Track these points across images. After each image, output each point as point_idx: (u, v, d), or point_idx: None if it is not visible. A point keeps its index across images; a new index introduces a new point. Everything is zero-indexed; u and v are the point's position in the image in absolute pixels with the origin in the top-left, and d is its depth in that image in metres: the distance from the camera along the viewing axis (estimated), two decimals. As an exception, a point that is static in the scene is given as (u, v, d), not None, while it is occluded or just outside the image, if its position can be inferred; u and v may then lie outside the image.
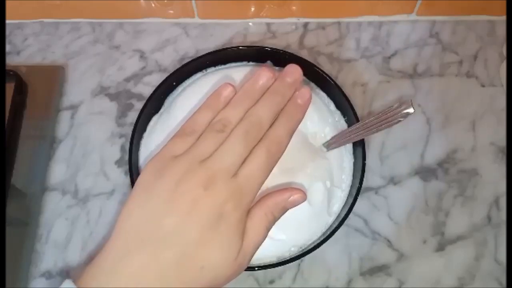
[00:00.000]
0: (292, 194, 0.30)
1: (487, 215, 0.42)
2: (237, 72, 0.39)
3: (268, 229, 0.29)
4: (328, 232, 0.35)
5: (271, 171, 0.29)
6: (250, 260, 0.29)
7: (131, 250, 0.26)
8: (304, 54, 0.47)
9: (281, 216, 0.30)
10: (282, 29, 0.50)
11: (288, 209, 0.31)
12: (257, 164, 0.28)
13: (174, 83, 0.41)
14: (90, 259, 0.41)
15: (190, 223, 0.26)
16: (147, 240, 0.26)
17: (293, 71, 0.32)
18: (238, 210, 0.27)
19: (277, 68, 0.41)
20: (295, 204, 0.30)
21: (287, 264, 0.34)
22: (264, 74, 0.32)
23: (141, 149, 0.40)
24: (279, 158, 0.30)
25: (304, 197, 0.31)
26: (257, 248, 0.29)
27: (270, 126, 0.30)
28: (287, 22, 0.50)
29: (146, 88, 0.47)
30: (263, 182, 0.29)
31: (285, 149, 0.30)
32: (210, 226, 0.26)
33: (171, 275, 0.26)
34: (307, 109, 0.32)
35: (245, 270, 0.35)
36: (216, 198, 0.27)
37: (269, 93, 0.31)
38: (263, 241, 0.29)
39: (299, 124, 0.32)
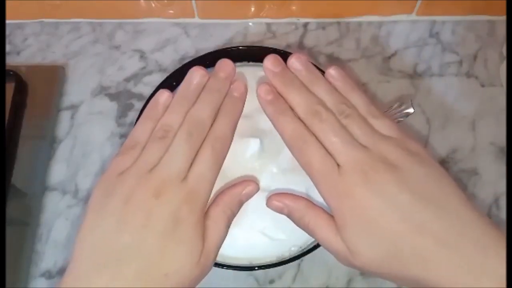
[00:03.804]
0: (245, 187, 0.31)
1: (487, 214, 0.42)
2: (237, 72, 0.39)
3: (228, 226, 0.30)
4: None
5: (220, 167, 0.30)
6: (214, 259, 0.29)
7: (91, 274, 0.26)
8: (304, 54, 0.47)
9: (238, 210, 0.31)
10: (282, 29, 0.50)
11: (244, 202, 0.31)
12: (204, 164, 0.29)
13: (174, 83, 0.41)
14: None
15: (147, 235, 0.26)
16: (106, 261, 0.26)
17: (225, 66, 0.33)
18: (194, 213, 0.27)
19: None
20: (249, 196, 0.31)
21: (287, 264, 0.34)
22: (197, 73, 0.32)
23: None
24: (226, 153, 0.30)
25: (257, 188, 0.31)
26: (220, 246, 0.29)
27: (212, 123, 0.30)
28: (287, 22, 0.50)
29: (146, 88, 0.47)
30: (214, 180, 0.29)
31: (230, 143, 0.31)
32: (168, 233, 0.26)
33: None
34: (244, 100, 0.33)
35: (245, 270, 0.35)
36: (169, 205, 0.27)
37: (205, 91, 0.32)
38: (224, 238, 0.29)
39: (239, 116, 0.32)
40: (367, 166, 0.27)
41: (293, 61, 0.32)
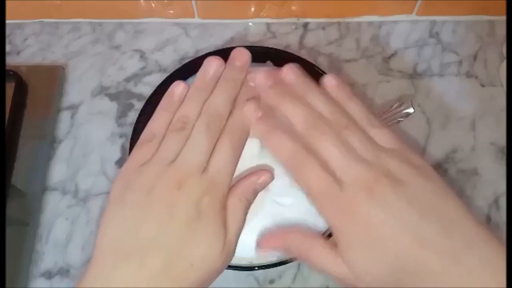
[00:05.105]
0: (259, 176, 0.31)
1: (487, 215, 0.42)
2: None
3: (245, 214, 0.30)
4: (328, 232, 0.35)
5: (239, 157, 0.30)
6: (235, 248, 0.29)
7: (116, 264, 0.26)
8: (304, 54, 0.47)
9: (253, 199, 0.30)
10: (282, 29, 0.50)
11: (258, 192, 0.31)
12: (223, 156, 0.29)
13: (174, 83, 0.41)
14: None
15: (170, 226, 0.26)
16: (131, 252, 0.26)
17: (241, 54, 0.33)
18: (216, 203, 0.28)
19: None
20: (264, 185, 0.31)
21: (287, 264, 0.34)
22: (213, 63, 0.32)
23: (141, 149, 0.40)
24: (244, 143, 0.30)
25: (271, 177, 0.31)
26: (239, 235, 0.29)
27: (230, 113, 0.30)
28: (287, 22, 0.50)
29: (146, 88, 0.47)
30: (234, 171, 0.29)
31: (248, 134, 0.31)
32: (191, 224, 0.27)
33: (162, 280, 0.25)
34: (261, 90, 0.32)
35: (245, 270, 0.35)
36: (191, 196, 0.27)
37: (222, 81, 0.32)
38: (243, 227, 0.29)
39: None
40: (370, 182, 0.26)
41: (286, 72, 0.31)
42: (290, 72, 0.31)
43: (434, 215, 0.26)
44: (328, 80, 0.31)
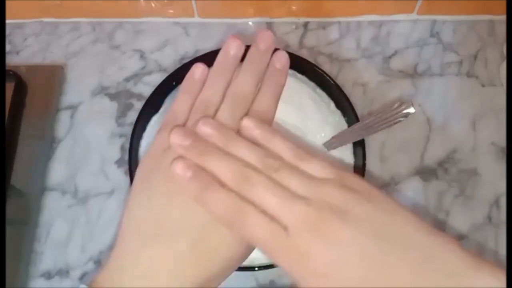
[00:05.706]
0: None
1: (488, 215, 0.42)
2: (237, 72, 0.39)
3: None
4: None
5: None
6: None
7: (142, 245, 0.26)
8: (304, 54, 0.47)
9: None
10: (282, 29, 0.50)
11: None
12: None
13: (174, 83, 0.41)
14: (90, 259, 0.41)
15: (194, 210, 0.26)
16: (157, 233, 0.26)
17: (265, 37, 0.32)
18: None
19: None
20: None
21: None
22: (233, 43, 0.32)
23: (141, 149, 0.40)
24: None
25: None
26: None
27: (256, 96, 0.30)
28: (287, 22, 0.50)
29: (146, 88, 0.47)
30: None
31: (273, 118, 0.31)
32: None
33: (186, 263, 0.26)
34: (287, 72, 0.32)
35: (245, 270, 0.35)
36: None
37: (246, 64, 0.31)
38: None
39: (282, 89, 0.32)
40: (314, 220, 0.24)
41: (201, 127, 0.29)
42: (205, 125, 0.29)
43: (388, 237, 0.24)
44: (247, 123, 0.29)
